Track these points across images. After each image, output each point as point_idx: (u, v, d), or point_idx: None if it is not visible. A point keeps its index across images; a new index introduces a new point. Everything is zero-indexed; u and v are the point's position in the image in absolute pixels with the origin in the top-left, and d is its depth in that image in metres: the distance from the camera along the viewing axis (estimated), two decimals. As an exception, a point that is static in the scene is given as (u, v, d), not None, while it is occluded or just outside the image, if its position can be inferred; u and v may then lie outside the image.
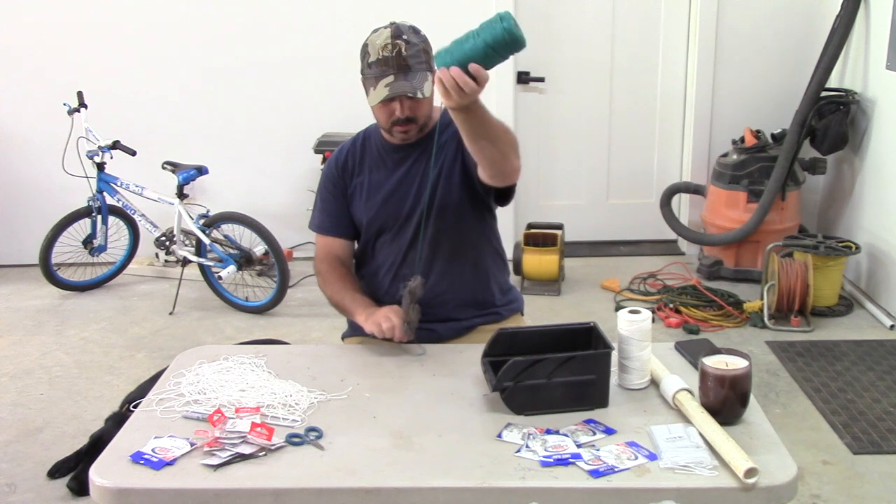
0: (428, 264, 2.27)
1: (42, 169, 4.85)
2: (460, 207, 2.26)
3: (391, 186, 2.28)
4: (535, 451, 1.67)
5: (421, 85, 2.11)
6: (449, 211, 2.25)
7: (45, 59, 4.78)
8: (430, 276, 2.27)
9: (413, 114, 2.16)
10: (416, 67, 2.10)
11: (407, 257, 2.29)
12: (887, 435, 3.06)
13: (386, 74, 2.09)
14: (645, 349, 1.90)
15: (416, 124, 2.19)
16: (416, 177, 2.26)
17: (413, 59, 2.10)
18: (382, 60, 2.09)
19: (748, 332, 3.99)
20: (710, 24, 4.76)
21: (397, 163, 2.28)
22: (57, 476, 2.85)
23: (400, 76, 2.09)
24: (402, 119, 2.15)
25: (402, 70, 2.09)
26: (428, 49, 2.16)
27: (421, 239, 2.24)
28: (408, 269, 2.29)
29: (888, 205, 4.14)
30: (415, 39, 2.13)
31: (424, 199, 2.23)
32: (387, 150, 2.29)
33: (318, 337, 4.01)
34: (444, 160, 2.24)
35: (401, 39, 2.09)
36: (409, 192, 2.27)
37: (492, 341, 1.94)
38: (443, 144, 2.24)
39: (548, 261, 4.50)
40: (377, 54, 2.09)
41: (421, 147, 2.26)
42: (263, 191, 4.98)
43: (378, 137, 2.30)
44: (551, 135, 5.05)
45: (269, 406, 1.85)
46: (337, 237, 2.36)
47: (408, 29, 2.14)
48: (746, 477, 1.54)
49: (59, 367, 3.77)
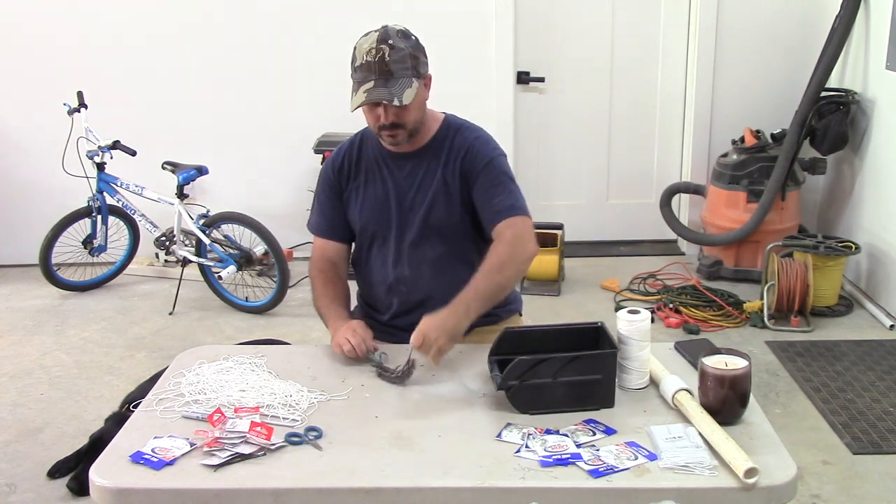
0: (426, 267, 2.27)
1: (42, 169, 4.85)
2: (461, 225, 2.25)
3: (388, 193, 2.26)
4: (535, 451, 1.67)
5: (401, 92, 2.06)
6: (447, 226, 2.24)
7: (46, 59, 4.78)
8: (429, 278, 2.27)
9: (399, 120, 2.12)
10: (399, 73, 2.06)
11: (403, 263, 2.28)
12: (887, 435, 3.06)
13: (367, 80, 2.06)
14: (644, 349, 1.90)
15: (404, 130, 2.15)
16: (414, 186, 2.24)
17: (396, 64, 2.06)
18: (365, 65, 2.06)
19: (748, 332, 3.99)
20: (710, 24, 4.76)
21: (395, 170, 2.26)
22: (57, 476, 2.85)
23: (380, 82, 2.05)
24: (386, 125, 2.12)
25: (384, 76, 2.05)
26: (418, 55, 2.12)
27: (417, 246, 2.25)
28: (401, 274, 2.28)
29: (888, 205, 4.14)
30: (401, 44, 2.08)
31: (422, 210, 2.23)
32: (384, 156, 2.27)
33: (318, 337, 4.01)
34: (447, 177, 2.22)
35: (386, 44, 2.05)
36: (406, 202, 2.25)
37: (498, 340, 1.95)
38: (446, 160, 2.22)
39: (548, 261, 4.50)
40: (362, 58, 2.07)
41: (420, 156, 2.24)
42: (263, 191, 4.98)
43: (376, 141, 2.28)
44: (551, 135, 5.05)
45: (268, 406, 1.86)
46: (331, 240, 2.35)
47: (396, 33, 2.10)
48: (746, 477, 1.54)
49: (59, 367, 3.77)
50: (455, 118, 2.31)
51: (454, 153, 2.22)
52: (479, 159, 2.20)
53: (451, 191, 2.22)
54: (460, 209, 2.23)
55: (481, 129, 2.30)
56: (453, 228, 2.25)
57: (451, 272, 2.23)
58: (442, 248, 2.26)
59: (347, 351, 2.07)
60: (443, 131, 2.26)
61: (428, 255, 2.27)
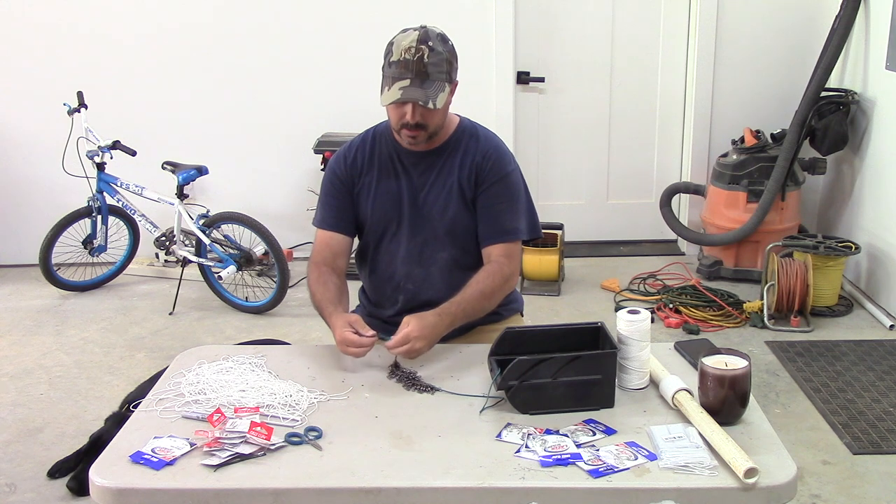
0: (436, 269, 2.28)
1: (42, 169, 4.85)
2: (469, 229, 2.27)
3: (401, 190, 2.27)
4: (535, 451, 1.67)
5: (435, 95, 2.09)
6: (461, 229, 2.27)
7: (46, 60, 4.78)
8: (437, 279, 2.28)
9: (424, 121, 2.14)
10: (435, 76, 2.09)
11: (413, 261, 2.29)
12: (887, 435, 3.06)
13: (403, 77, 2.08)
14: (644, 349, 1.90)
15: (426, 131, 2.17)
16: (427, 185, 2.26)
17: (433, 67, 2.08)
18: (403, 63, 2.08)
19: (748, 332, 3.99)
20: (710, 24, 4.76)
21: (409, 167, 2.27)
22: (57, 476, 2.85)
23: (416, 82, 2.08)
24: (411, 124, 2.14)
25: (420, 76, 2.08)
26: (452, 60, 2.15)
27: (429, 246, 2.26)
28: (410, 272, 2.30)
29: (888, 205, 4.14)
30: (440, 48, 2.11)
31: (435, 210, 2.25)
32: (399, 153, 2.28)
33: (318, 337, 4.01)
34: (462, 182, 2.24)
35: (426, 45, 2.08)
36: (419, 199, 2.26)
37: (498, 340, 1.95)
38: (461, 164, 2.24)
39: (548, 261, 4.50)
40: (399, 55, 2.08)
41: (435, 156, 2.26)
42: (263, 191, 4.97)
43: (390, 138, 2.28)
44: (551, 135, 5.05)
45: (268, 406, 1.86)
46: (337, 232, 2.34)
47: (436, 36, 2.12)
48: (746, 477, 1.54)
49: (59, 367, 3.77)
50: (470, 122, 2.33)
51: (470, 158, 2.25)
52: (494, 173, 2.24)
53: (466, 196, 2.25)
54: (472, 218, 2.26)
55: (497, 137, 2.33)
56: (466, 232, 2.27)
57: (459, 276, 2.24)
58: (454, 250, 2.28)
59: (353, 353, 2.06)
60: (458, 133, 2.28)
61: (439, 257, 2.28)
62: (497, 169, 2.25)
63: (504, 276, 2.23)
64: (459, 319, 2.14)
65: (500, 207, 2.25)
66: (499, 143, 2.31)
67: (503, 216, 2.25)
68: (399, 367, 2.04)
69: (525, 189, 2.32)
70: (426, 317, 2.07)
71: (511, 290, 2.33)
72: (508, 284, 2.27)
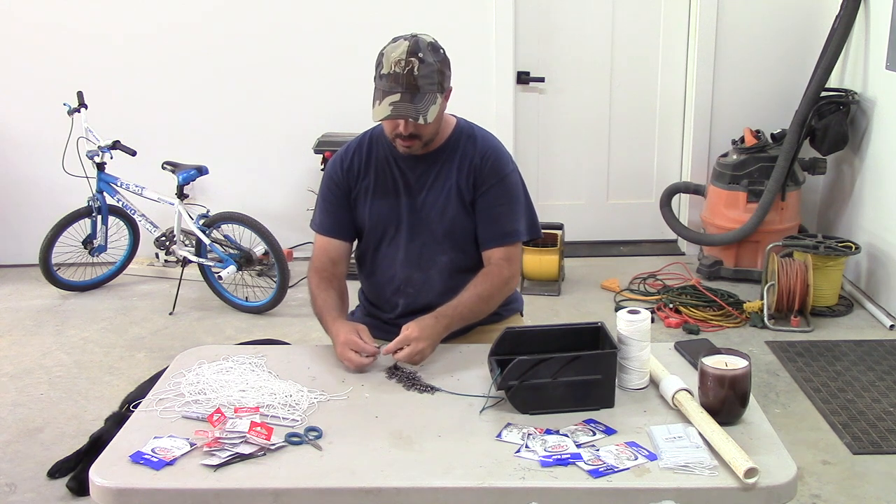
0: (436, 272, 2.28)
1: (42, 169, 4.85)
2: (468, 231, 2.27)
3: (399, 193, 2.26)
4: (535, 451, 1.67)
5: (426, 109, 2.06)
6: (460, 232, 2.26)
7: (46, 59, 4.78)
8: (437, 283, 2.28)
9: (417, 132, 2.13)
10: (426, 89, 2.06)
11: (413, 265, 2.29)
12: (887, 435, 3.06)
13: (393, 91, 2.05)
14: (644, 349, 1.90)
15: (420, 141, 2.16)
16: (426, 188, 2.25)
17: (424, 79, 2.05)
18: (393, 76, 2.04)
19: (748, 332, 3.99)
20: (710, 24, 4.76)
21: (407, 170, 2.26)
22: (57, 476, 2.85)
23: (406, 96, 2.04)
24: (404, 135, 2.13)
25: (410, 90, 2.04)
26: (444, 69, 2.12)
27: (428, 249, 2.26)
28: (409, 276, 2.29)
29: (888, 205, 4.14)
30: (431, 58, 2.07)
31: (434, 213, 2.24)
32: (396, 157, 2.26)
33: (318, 337, 4.00)
34: (460, 184, 2.23)
35: (416, 57, 2.04)
36: (417, 202, 2.25)
37: (498, 340, 1.95)
38: (459, 166, 2.23)
39: (548, 261, 4.50)
40: (389, 68, 2.05)
41: (432, 158, 2.25)
42: (263, 191, 4.98)
43: (387, 142, 2.27)
44: (551, 135, 5.05)
45: (268, 406, 1.85)
46: (335, 238, 2.34)
47: (426, 46, 2.08)
48: (746, 477, 1.54)
49: (59, 367, 3.77)
50: (467, 123, 2.32)
51: (468, 160, 2.23)
52: (493, 174, 2.23)
53: (465, 198, 2.24)
54: (473, 217, 2.25)
55: (495, 138, 2.32)
56: (465, 235, 2.27)
57: (459, 279, 2.24)
58: (453, 253, 2.27)
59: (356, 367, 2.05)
60: (455, 135, 2.27)
61: (439, 261, 2.28)
62: (495, 170, 2.24)
63: (503, 280, 2.23)
64: (456, 323, 2.14)
65: (500, 210, 2.24)
66: (496, 143, 2.30)
67: (503, 219, 2.24)
68: (399, 367, 2.04)
69: (524, 189, 2.32)
70: (423, 319, 2.07)
71: (511, 292, 2.33)
72: (508, 287, 2.26)
